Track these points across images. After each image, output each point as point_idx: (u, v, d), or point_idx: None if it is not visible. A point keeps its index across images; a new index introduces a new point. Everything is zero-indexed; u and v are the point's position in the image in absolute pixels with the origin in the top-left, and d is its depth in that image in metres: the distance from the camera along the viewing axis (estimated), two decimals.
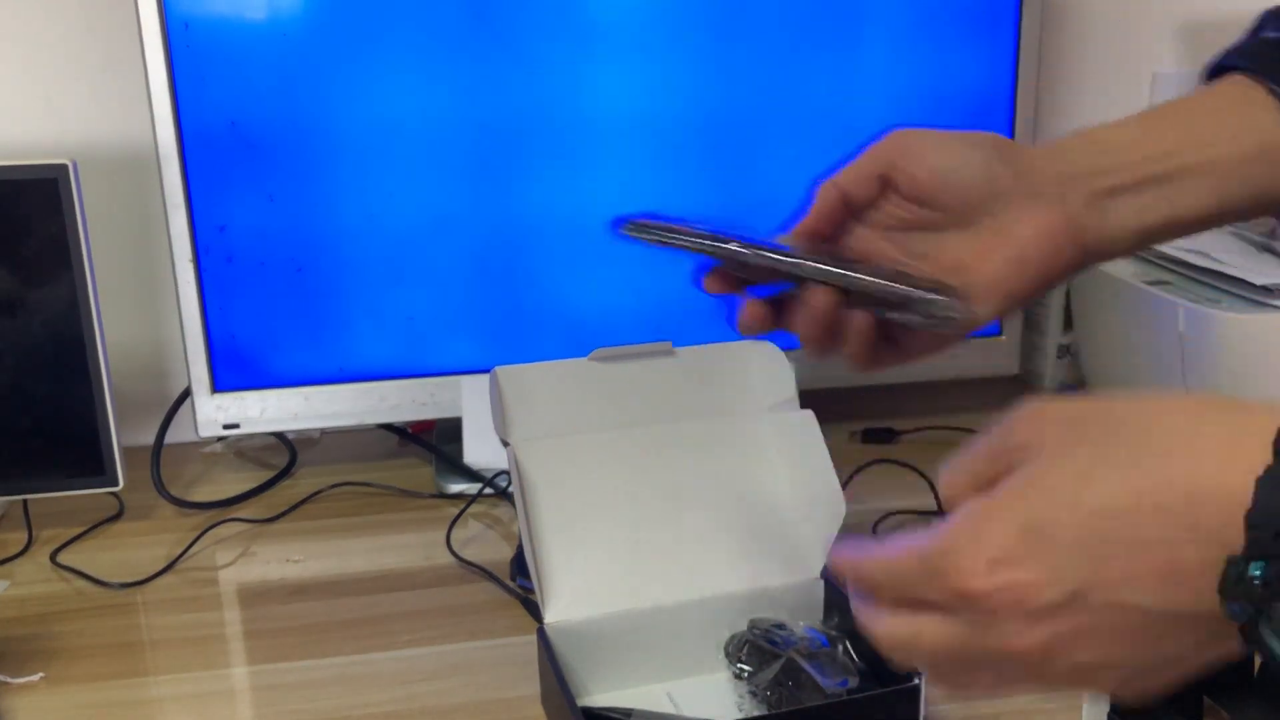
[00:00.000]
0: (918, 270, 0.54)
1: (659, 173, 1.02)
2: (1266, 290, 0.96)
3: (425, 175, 0.99)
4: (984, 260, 0.54)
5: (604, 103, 1.00)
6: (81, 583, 0.89)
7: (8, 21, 1.05)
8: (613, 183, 1.02)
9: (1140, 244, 0.55)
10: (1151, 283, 1.02)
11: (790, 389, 0.82)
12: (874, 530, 0.93)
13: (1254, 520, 0.35)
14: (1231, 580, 0.36)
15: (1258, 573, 0.35)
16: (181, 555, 0.92)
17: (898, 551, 0.42)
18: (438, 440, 1.08)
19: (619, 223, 0.55)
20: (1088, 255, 0.55)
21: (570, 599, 0.72)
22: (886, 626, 0.43)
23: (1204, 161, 0.54)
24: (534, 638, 0.76)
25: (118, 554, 0.93)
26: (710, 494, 0.78)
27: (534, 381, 0.77)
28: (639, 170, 1.02)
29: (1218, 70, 0.58)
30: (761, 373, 0.82)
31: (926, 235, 0.55)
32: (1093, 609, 0.38)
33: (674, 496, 0.77)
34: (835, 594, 0.75)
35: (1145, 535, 0.37)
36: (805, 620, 0.74)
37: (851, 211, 0.56)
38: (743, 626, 0.73)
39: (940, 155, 0.54)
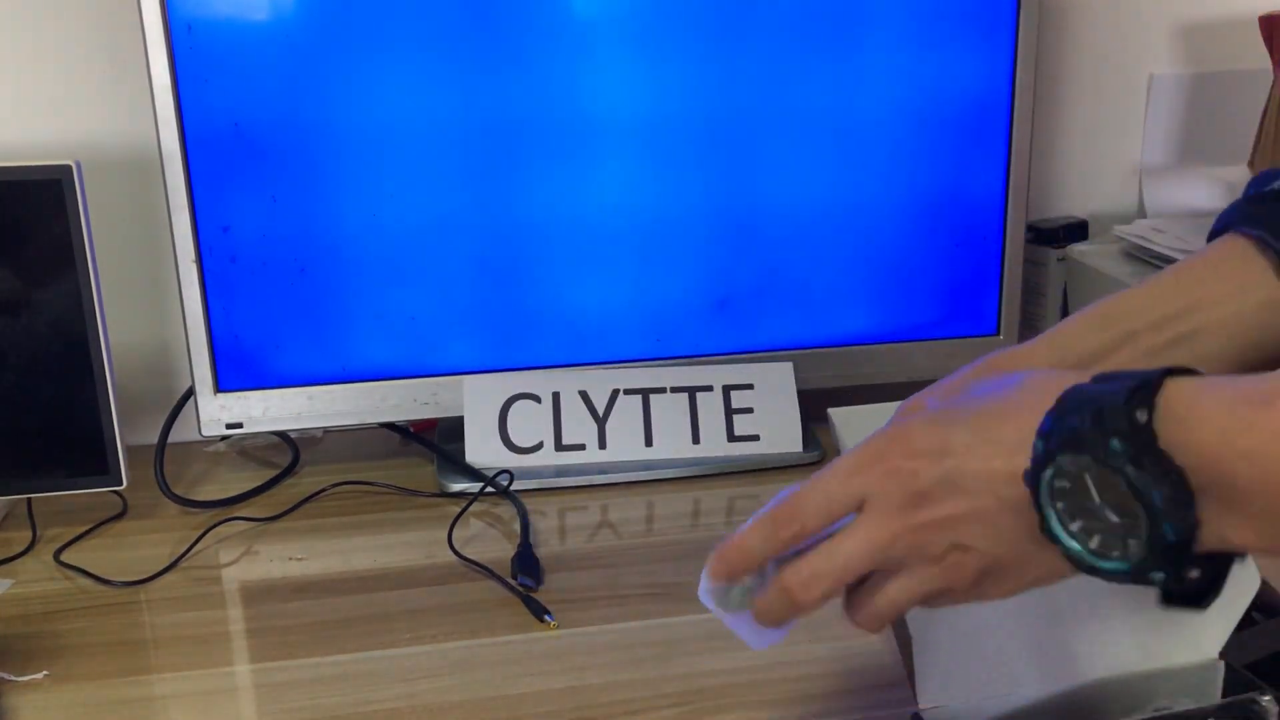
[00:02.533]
0: None
1: (659, 173, 1.03)
2: None
3: (427, 176, 1.00)
4: None
5: (605, 103, 1.00)
6: (85, 581, 0.89)
7: (11, 23, 1.05)
8: (614, 183, 1.02)
9: None
10: None
11: None
12: None
13: (1041, 428, 0.44)
14: (1029, 478, 0.44)
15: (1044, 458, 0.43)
16: (185, 554, 0.92)
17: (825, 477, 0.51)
18: (440, 440, 1.09)
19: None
20: None
21: (944, 680, 0.66)
22: (808, 559, 0.50)
23: (1214, 320, 0.56)
24: (535, 635, 0.77)
25: (121, 553, 0.93)
26: None
27: (874, 425, 0.70)
28: (640, 171, 1.03)
29: (1217, 231, 0.59)
30: None
31: None
32: (961, 493, 0.47)
33: None
34: (1237, 678, 0.67)
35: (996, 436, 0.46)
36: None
37: None
38: (1140, 715, 0.66)
39: None
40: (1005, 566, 0.48)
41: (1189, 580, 0.42)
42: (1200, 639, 0.69)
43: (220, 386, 1.01)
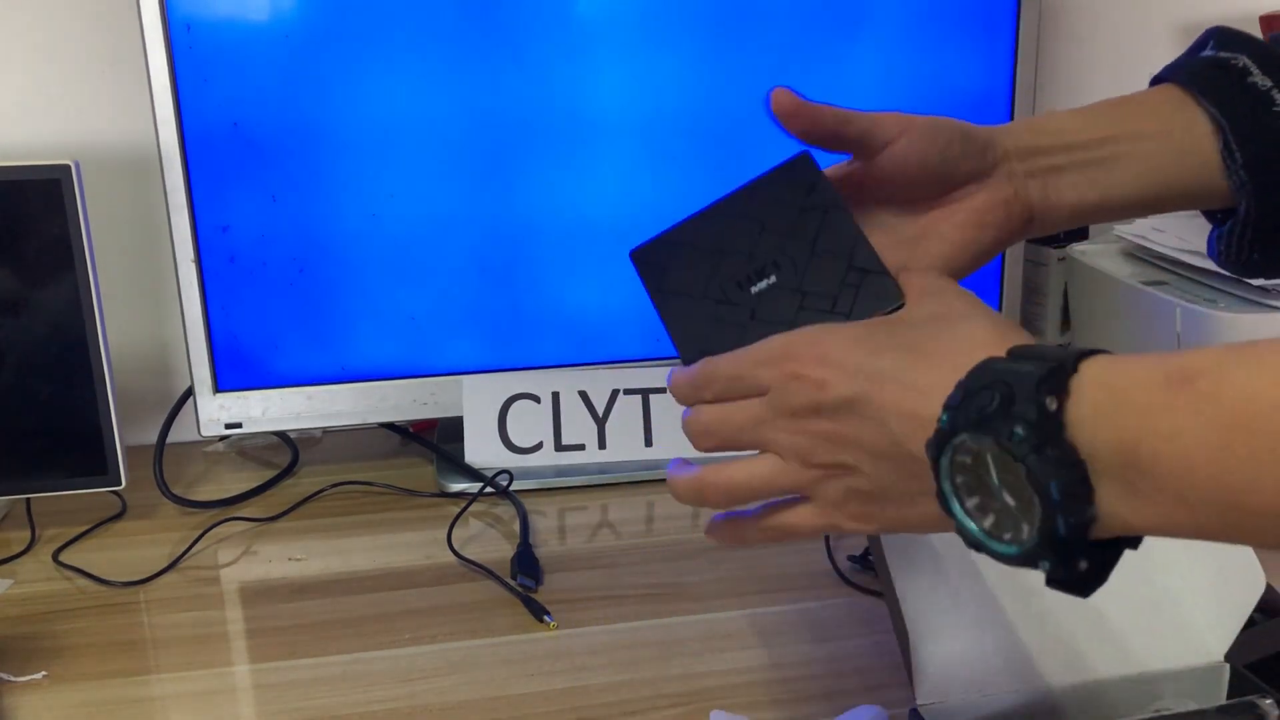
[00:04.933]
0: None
1: (659, 173, 1.03)
2: (1263, 290, 0.97)
3: (427, 175, 1.00)
4: (940, 224, 0.59)
5: (604, 103, 1.00)
6: (84, 581, 0.89)
7: (10, 22, 1.05)
8: (613, 183, 1.02)
9: (1075, 221, 0.61)
10: (1149, 283, 1.02)
11: None
12: None
13: (949, 401, 0.43)
14: (930, 449, 0.44)
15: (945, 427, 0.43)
16: (184, 554, 0.92)
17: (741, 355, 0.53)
18: (439, 439, 1.09)
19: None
20: (1028, 225, 0.60)
21: (943, 678, 0.66)
22: (708, 413, 0.53)
23: (1135, 152, 0.59)
24: (535, 636, 0.77)
25: (120, 553, 0.93)
26: None
27: None
28: (639, 170, 1.02)
29: (1157, 82, 0.62)
30: None
31: (887, 209, 0.60)
32: (860, 419, 0.48)
33: None
34: (1242, 679, 0.68)
35: (911, 379, 0.47)
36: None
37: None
38: (1140, 715, 0.66)
39: (908, 141, 0.58)
40: (882, 501, 0.49)
41: (1077, 570, 0.42)
42: (1205, 640, 0.69)
43: (219, 386, 1.01)
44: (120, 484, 0.93)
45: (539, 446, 1.03)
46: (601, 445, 1.03)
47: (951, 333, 0.49)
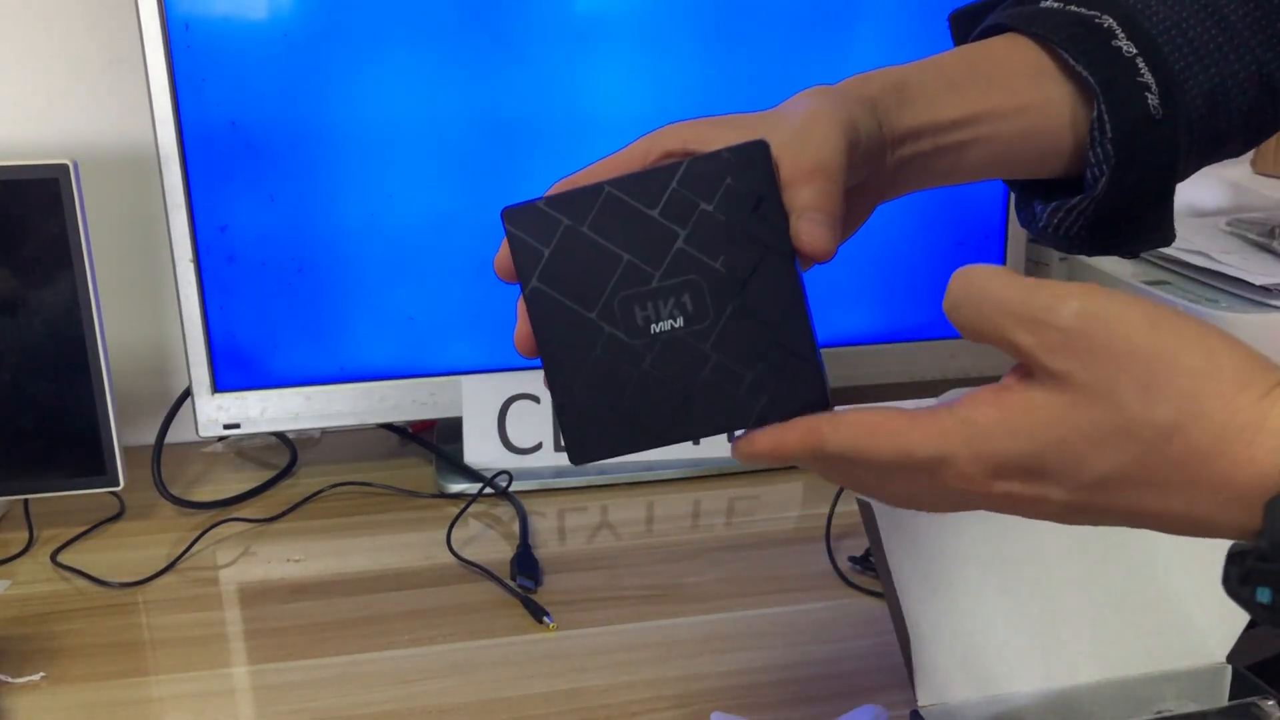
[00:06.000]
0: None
1: None
2: (1265, 290, 0.96)
3: (426, 175, 0.99)
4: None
5: (604, 102, 1.00)
6: (82, 582, 0.89)
7: (8, 22, 1.05)
8: None
9: (911, 188, 0.57)
10: (1151, 282, 1.02)
11: None
12: None
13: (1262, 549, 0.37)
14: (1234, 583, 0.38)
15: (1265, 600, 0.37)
16: (182, 555, 0.92)
17: (884, 442, 0.43)
18: (438, 440, 1.09)
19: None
20: (871, 207, 0.56)
21: (944, 679, 0.66)
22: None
23: (994, 135, 0.54)
24: (534, 637, 0.77)
25: (118, 554, 0.93)
26: (1095, 560, 0.69)
27: None
28: None
29: (1002, 29, 0.56)
30: None
31: None
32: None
33: (1056, 562, 0.67)
34: (1243, 680, 0.67)
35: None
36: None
37: None
38: (1142, 717, 0.66)
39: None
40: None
41: None
42: (1207, 642, 0.69)
43: (218, 387, 1.00)
44: (118, 484, 0.93)
45: (539, 447, 1.03)
46: None
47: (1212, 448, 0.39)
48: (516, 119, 0.99)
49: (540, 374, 0.47)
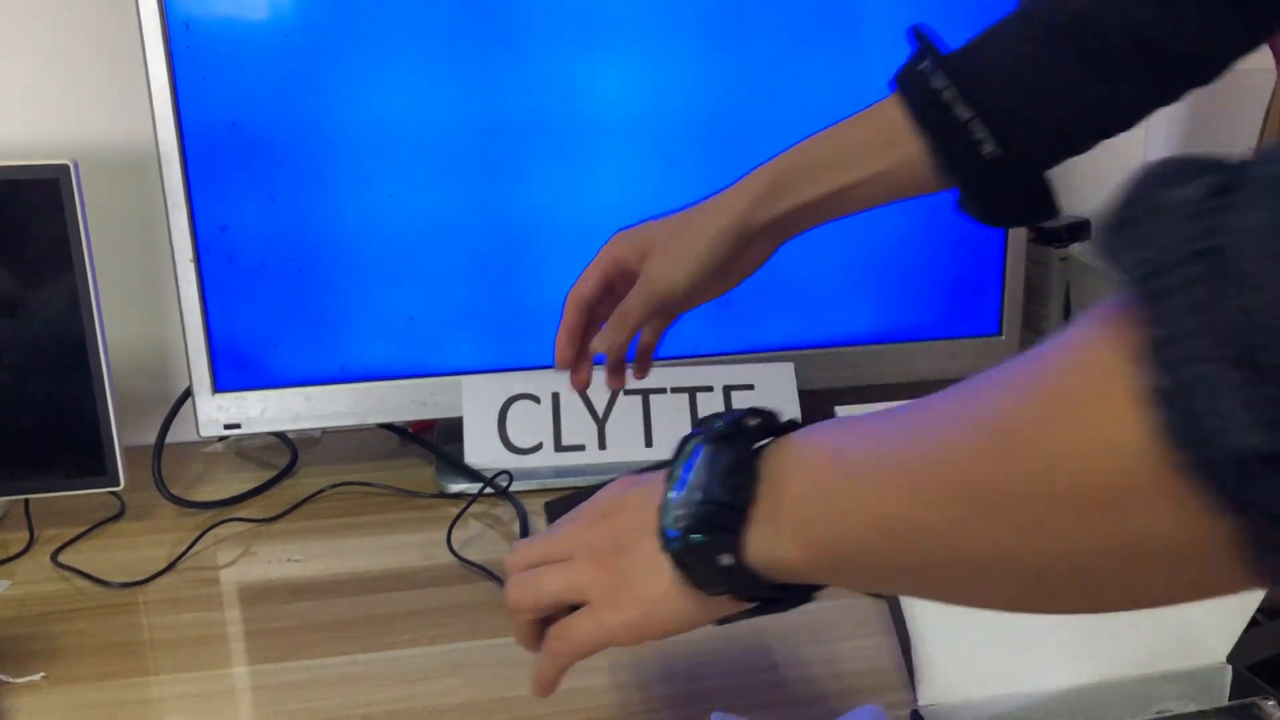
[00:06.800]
0: None
1: (658, 173, 1.03)
2: None
3: (425, 175, 0.99)
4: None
5: (604, 103, 1.00)
6: (82, 582, 0.89)
7: (9, 22, 1.05)
8: (613, 183, 1.02)
9: (802, 230, 0.74)
10: None
11: None
12: None
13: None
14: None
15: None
16: (183, 555, 0.92)
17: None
18: (438, 440, 1.09)
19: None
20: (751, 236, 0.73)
21: (944, 679, 0.66)
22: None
23: (867, 195, 0.71)
24: None
25: (119, 554, 0.93)
26: None
27: None
28: (639, 170, 1.02)
29: (896, 82, 0.71)
30: None
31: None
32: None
33: None
34: (1244, 681, 0.68)
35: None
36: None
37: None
38: (1142, 717, 0.65)
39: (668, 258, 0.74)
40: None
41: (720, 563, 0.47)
42: (1207, 642, 0.69)
43: (218, 387, 1.00)
44: (119, 484, 0.93)
45: (539, 447, 1.03)
46: (602, 446, 1.03)
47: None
48: (516, 119, 0.99)
49: (541, 374, 0.51)
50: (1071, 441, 0.34)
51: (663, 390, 1.04)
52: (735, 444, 0.47)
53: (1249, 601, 0.69)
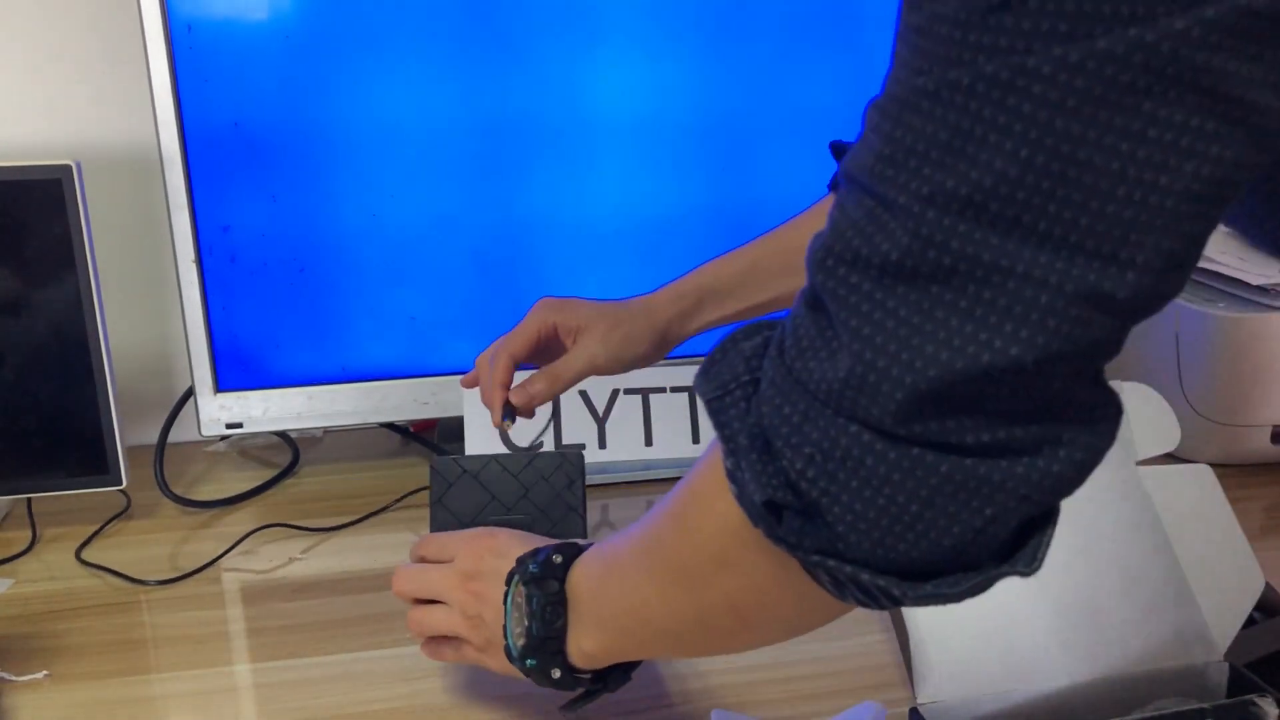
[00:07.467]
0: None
1: (659, 173, 1.03)
2: (1263, 290, 0.97)
3: (427, 176, 1.00)
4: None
5: (605, 103, 1.00)
6: (83, 581, 0.89)
7: (11, 23, 1.05)
8: (614, 183, 1.03)
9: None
10: None
11: (1174, 437, 0.73)
12: None
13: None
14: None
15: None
16: (226, 553, 0.92)
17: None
18: (439, 439, 1.09)
19: None
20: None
21: (943, 678, 0.67)
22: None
23: (777, 303, 0.78)
24: None
25: (121, 553, 0.93)
26: (1095, 560, 0.69)
27: None
28: (639, 171, 1.03)
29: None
30: (1142, 419, 0.73)
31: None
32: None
33: (1056, 562, 0.66)
34: (1241, 678, 0.68)
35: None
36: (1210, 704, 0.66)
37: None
38: (1140, 714, 0.65)
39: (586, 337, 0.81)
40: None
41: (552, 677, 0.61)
42: (1205, 639, 0.69)
43: (220, 386, 1.01)
44: (121, 484, 0.93)
45: (539, 447, 1.03)
46: (602, 445, 1.03)
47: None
48: (518, 120, 0.99)
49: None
50: (705, 518, 0.49)
51: (662, 390, 1.04)
52: (544, 584, 0.59)
53: (1245, 599, 0.70)
